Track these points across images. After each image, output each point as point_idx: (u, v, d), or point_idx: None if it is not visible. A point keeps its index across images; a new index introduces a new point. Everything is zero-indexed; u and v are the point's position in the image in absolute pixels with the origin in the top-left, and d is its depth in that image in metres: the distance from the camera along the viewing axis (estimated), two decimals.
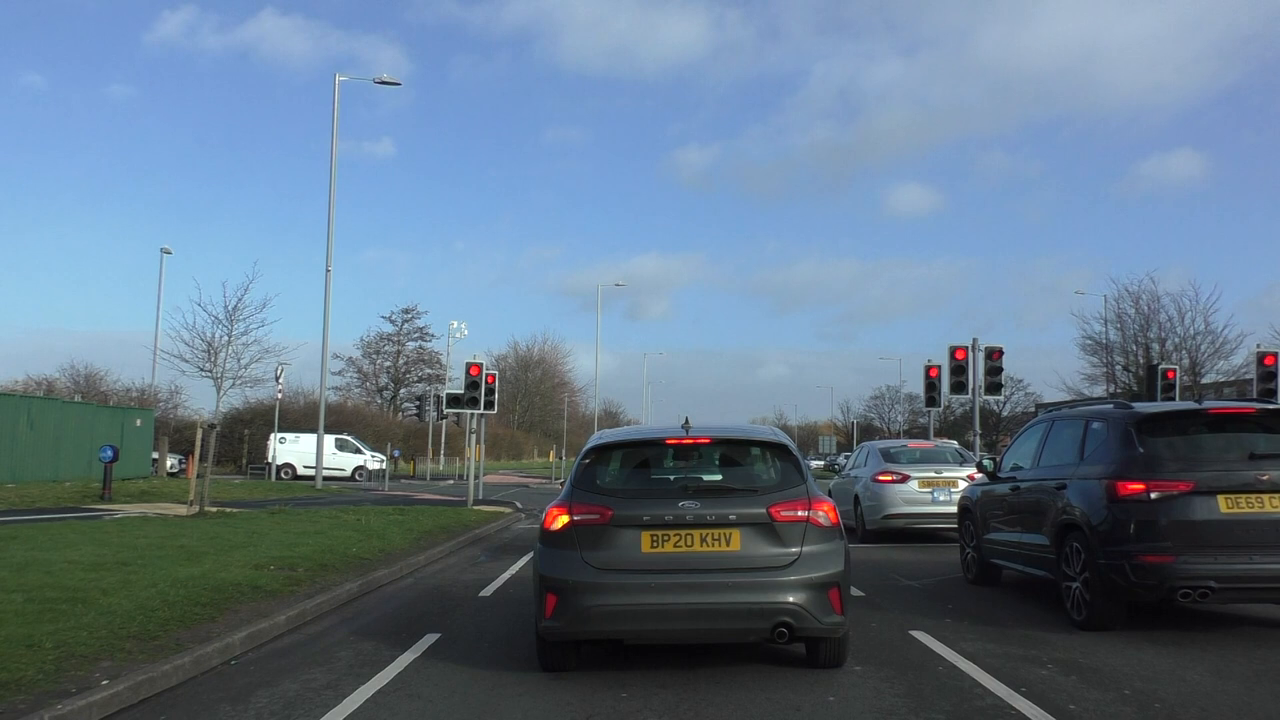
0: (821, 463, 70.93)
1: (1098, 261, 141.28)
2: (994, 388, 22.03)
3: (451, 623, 8.19)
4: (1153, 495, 7.27)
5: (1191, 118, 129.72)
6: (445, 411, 24.61)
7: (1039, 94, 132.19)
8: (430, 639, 7.45)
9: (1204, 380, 61.70)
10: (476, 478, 24.17)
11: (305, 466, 43.85)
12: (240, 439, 47.65)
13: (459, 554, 13.96)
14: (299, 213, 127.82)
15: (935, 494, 15.05)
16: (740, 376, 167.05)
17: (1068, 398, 79.58)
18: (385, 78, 31.36)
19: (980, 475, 10.95)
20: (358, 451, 44.10)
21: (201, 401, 63.44)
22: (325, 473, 42.78)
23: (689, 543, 5.97)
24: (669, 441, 6.64)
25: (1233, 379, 64.06)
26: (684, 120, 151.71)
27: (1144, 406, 8.30)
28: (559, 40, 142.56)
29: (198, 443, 17.71)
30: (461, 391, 22.60)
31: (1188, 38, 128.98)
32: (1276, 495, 7.17)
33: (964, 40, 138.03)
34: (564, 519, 6.19)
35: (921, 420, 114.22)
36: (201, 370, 18.16)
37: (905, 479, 15.28)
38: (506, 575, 11.35)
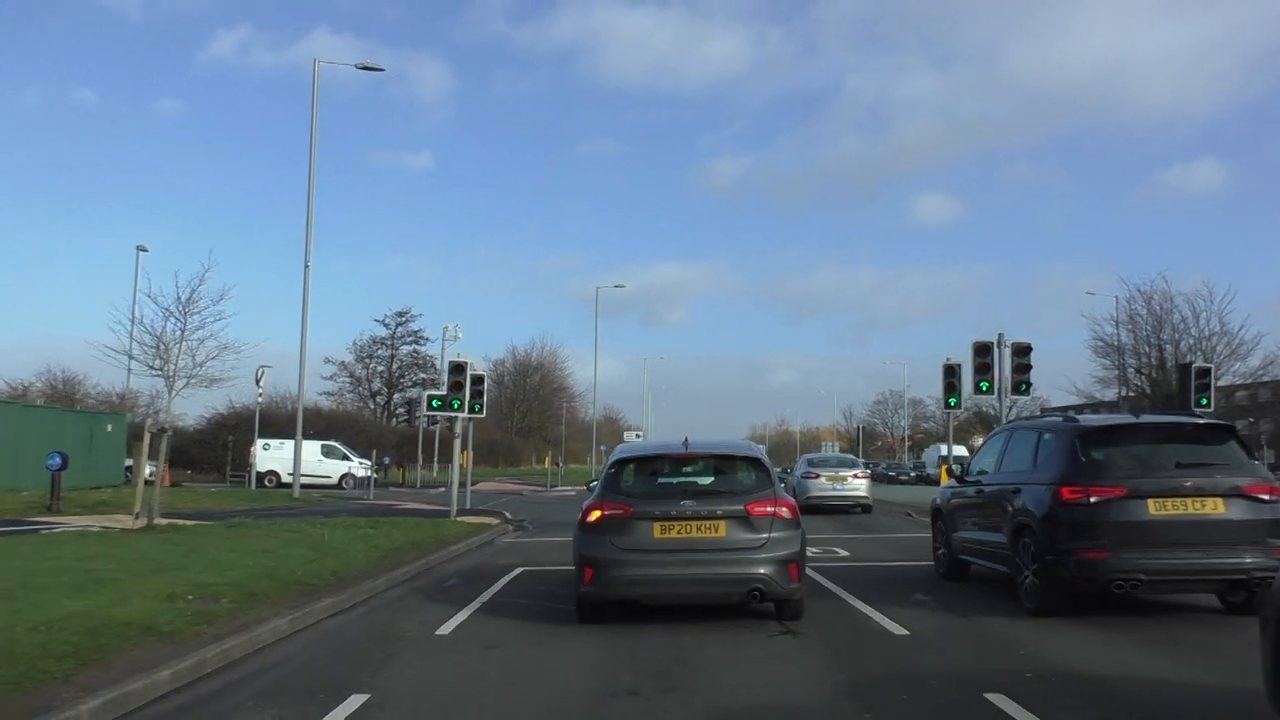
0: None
1: (1113, 269, 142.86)
2: (1021, 386, 20.27)
3: (388, 678, 6.41)
4: (1092, 499, 8.13)
5: (1216, 129, 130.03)
6: (427, 414, 22.79)
7: (1066, 106, 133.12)
8: (354, 703, 5.68)
9: (1220, 382, 59.88)
10: (462, 485, 22.41)
11: (289, 474, 42.02)
12: (224, 445, 45.79)
13: (428, 575, 12.18)
14: (325, 222, 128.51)
15: (835, 485, 25.41)
16: (748, 382, 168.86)
17: (1078, 401, 77.77)
18: (368, 64, 29.70)
19: (950, 480, 11.92)
20: (345, 458, 42.26)
21: (183, 406, 61.62)
22: (311, 480, 41.01)
23: (688, 530, 7.91)
24: (673, 456, 8.81)
25: (1249, 380, 62.36)
26: (717, 132, 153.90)
27: (1088, 420, 9.29)
28: (601, 57, 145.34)
29: (144, 447, 15.97)
30: (444, 392, 20.82)
31: (1216, 51, 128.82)
32: (1197, 499, 8.05)
33: (996, 54, 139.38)
34: (597, 513, 8.10)
35: (925, 425, 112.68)
36: (151, 368, 16.41)
37: (818, 476, 25.65)
38: (476, 604, 9.59)
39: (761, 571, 7.79)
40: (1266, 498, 8.15)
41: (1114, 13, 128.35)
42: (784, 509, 8.05)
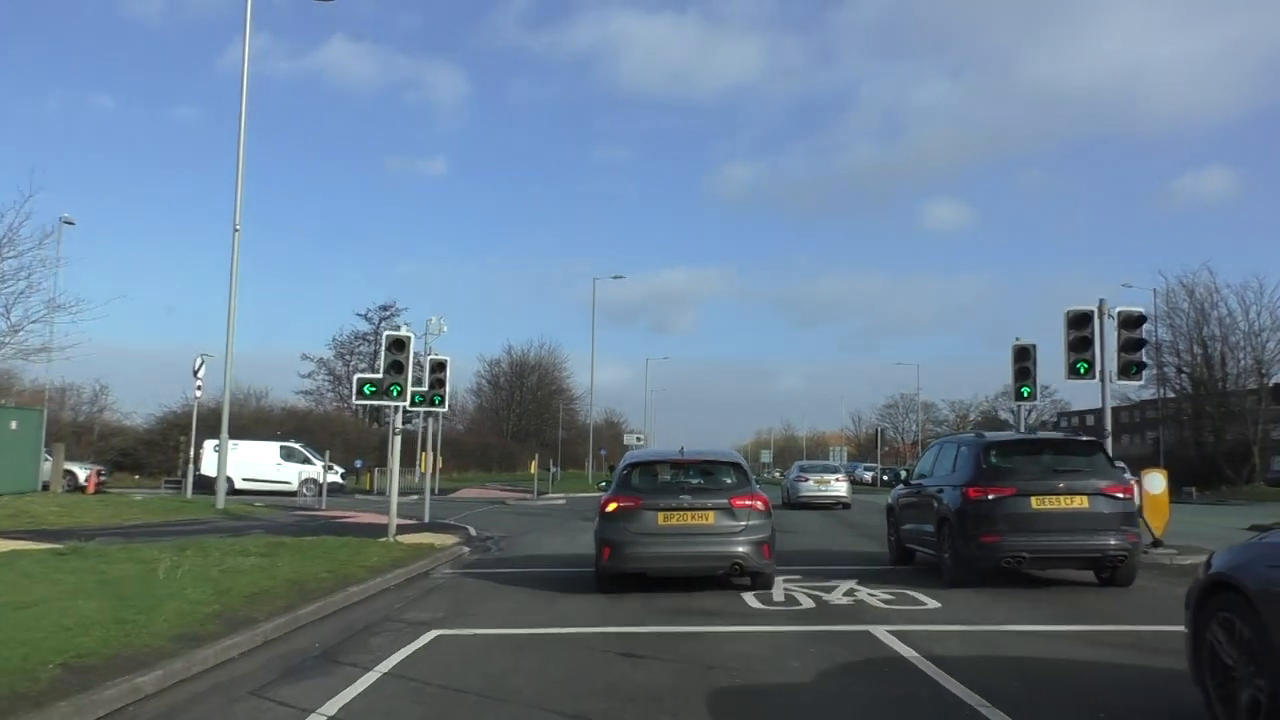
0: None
1: (1125, 275, 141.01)
2: (1131, 368, 15.53)
3: None
4: (990, 497, 10.52)
5: (1229, 136, 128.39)
6: (357, 402, 18.10)
7: (1080, 113, 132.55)
8: None
9: (1275, 379, 54.81)
10: (408, 495, 17.72)
11: (245, 479, 37.40)
12: (175, 446, 41.05)
13: (272, 649, 7.46)
14: (336, 227, 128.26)
15: (821, 487, 30.38)
16: (754, 387, 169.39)
17: (1118, 404, 72.89)
18: None
19: (900, 484, 14.63)
20: (307, 462, 37.45)
21: (132, 403, 56.54)
22: (267, 486, 36.48)
23: (684, 519, 10.00)
24: (673, 460, 11.03)
25: None
26: (730, 139, 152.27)
27: (992, 436, 12.37)
28: (617, 64, 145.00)
29: None
30: (380, 376, 16.07)
31: (1229, 59, 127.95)
32: (1068, 496, 10.41)
33: (1011, 62, 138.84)
34: (614, 505, 10.16)
35: (937, 429, 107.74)
36: None
37: (807, 479, 30.90)
38: None
39: (741, 550, 9.93)
40: (1121, 496, 10.50)
41: (1128, 21, 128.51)
42: (759, 502, 10.19)
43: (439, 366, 21.74)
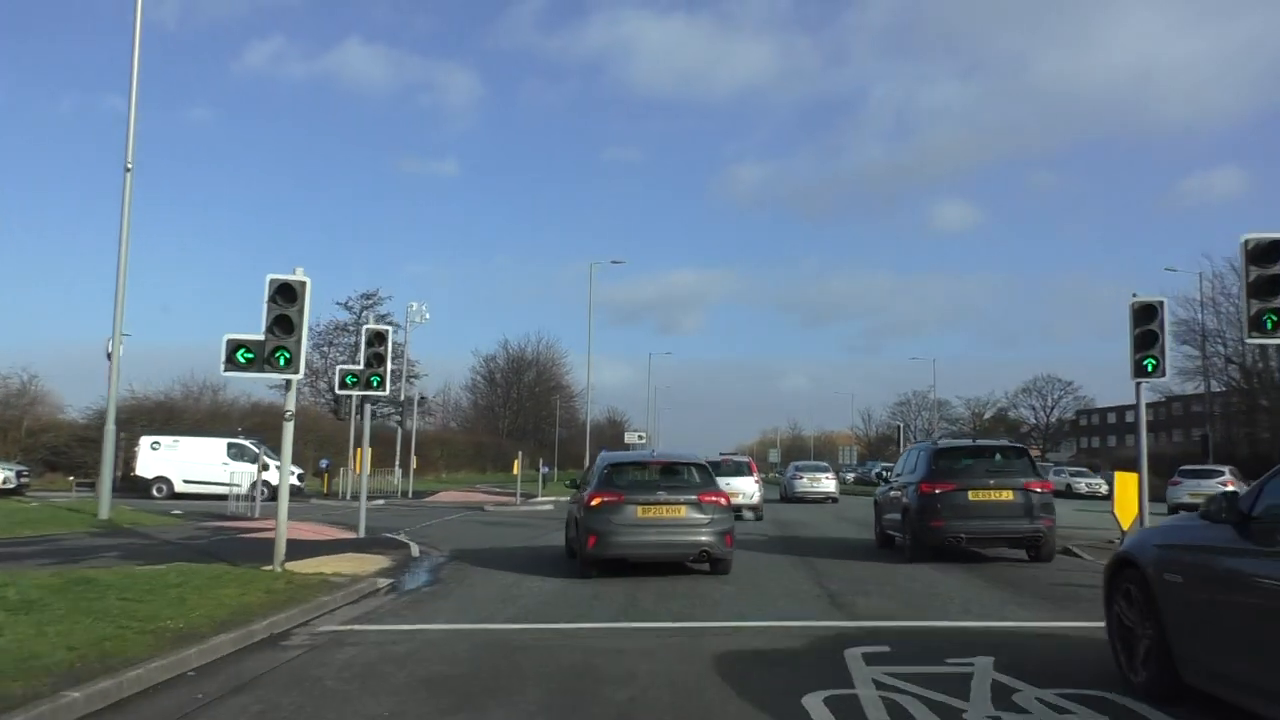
0: (852, 474, 65.88)
1: (1133, 277, 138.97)
2: None
3: None
4: (937, 491, 13.25)
5: (1240, 136, 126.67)
6: (223, 374, 13.20)
7: (1091, 114, 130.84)
8: None
9: None
10: (374, 498, 12.90)
11: (186, 481, 32.75)
12: (114, 444, 36.26)
13: None
14: (345, 228, 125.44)
15: (813, 484, 36.35)
16: (761, 387, 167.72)
17: (1154, 398, 67.94)
18: None
19: (882, 483, 18.54)
20: (257, 460, 32.59)
21: (70, 397, 51.32)
22: (213, 489, 31.80)
23: (660, 512, 11.46)
24: (649, 462, 12.75)
25: None
26: (740, 140, 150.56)
27: (943, 443, 15.85)
28: (629, 66, 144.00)
29: None
30: (261, 338, 11.29)
31: (1241, 60, 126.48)
32: (997, 490, 13.16)
33: (1021, 63, 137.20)
34: (599, 499, 11.49)
35: (950, 426, 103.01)
36: None
37: (801, 478, 36.98)
38: None
39: (707, 539, 11.49)
40: (1039, 490, 13.33)
41: (1138, 23, 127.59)
42: (722, 499, 11.88)
43: (377, 338, 17.15)
